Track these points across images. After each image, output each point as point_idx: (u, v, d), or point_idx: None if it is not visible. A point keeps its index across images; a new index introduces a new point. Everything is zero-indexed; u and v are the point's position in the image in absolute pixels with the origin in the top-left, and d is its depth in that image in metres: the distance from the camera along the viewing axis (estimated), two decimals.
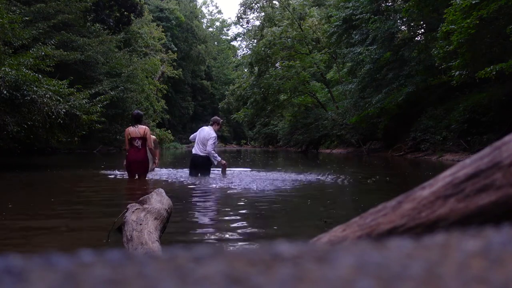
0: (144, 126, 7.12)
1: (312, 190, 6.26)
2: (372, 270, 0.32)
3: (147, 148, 7.05)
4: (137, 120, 7.16)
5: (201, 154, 7.64)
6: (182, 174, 8.22)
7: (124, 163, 7.16)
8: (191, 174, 7.73)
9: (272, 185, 6.52)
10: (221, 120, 8.11)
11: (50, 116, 9.80)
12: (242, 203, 4.82)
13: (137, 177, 7.10)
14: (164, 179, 7.39)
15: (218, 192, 5.62)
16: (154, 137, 8.11)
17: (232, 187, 6.24)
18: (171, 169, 9.42)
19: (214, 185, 6.41)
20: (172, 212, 2.98)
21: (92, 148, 20.96)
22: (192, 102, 56.92)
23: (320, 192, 6.09)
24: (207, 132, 7.70)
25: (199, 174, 7.71)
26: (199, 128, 7.98)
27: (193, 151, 7.77)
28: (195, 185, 6.46)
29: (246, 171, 9.58)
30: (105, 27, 22.88)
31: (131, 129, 7.04)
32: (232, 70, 65.77)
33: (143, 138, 7.00)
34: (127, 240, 2.39)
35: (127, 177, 7.16)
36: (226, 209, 4.37)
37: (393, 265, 0.33)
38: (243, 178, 7.56)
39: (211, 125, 7.80)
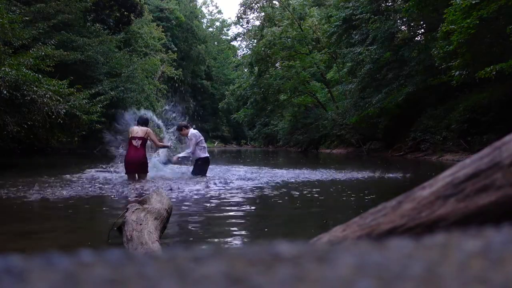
0: (146, 128, 7.19)
1: (312, 190, 6.26)
2: (372, 270, 0.32)
3: (156, 145, 7.21)
4: (144, 123, 7.28)
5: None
6: (182, 172, 8.24)
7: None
8: (202, 174, 7.76)
9: (273, 185, 6.52)
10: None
11: (50, 116, 9.80)
12: (242, 203, 4.82)
13: (137, 177, 7.10)
14: (164, 179, 7.38)
15: (218, 192, 5.62)
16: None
17: (232, 186, 6.24)
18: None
19: (214, 185, 6.42)
20: (172, 212, 2.98)
21: (92, 148, 20.96)
22: (192, 102, 56.89)
23: (320, 192, 6.09)
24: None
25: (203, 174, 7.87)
26: (196, 133, 7.90)
27: (207, 154, 7.94)
28: (195, 184, 6.47)
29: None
30: (105, 27, 22.85)
31: (134, 128, 7.12)
32: (232, 70, 65.70)
33: (144, 139, 7.05)
34: (127, 240, 2.39)
35: (127, 176, 7.15)
36: (226, 209, 4.37)
37: (393, 265, 0.33)
38: (243, 177, 7.57)
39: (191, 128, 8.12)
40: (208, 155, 7.93)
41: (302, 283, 0.30)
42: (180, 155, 7.94)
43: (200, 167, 7.76)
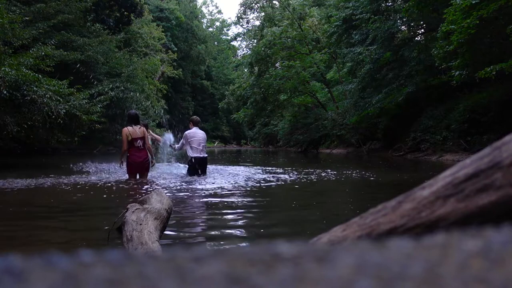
0: (141, 127, 7.17)
1: (312, 189, 6.26)
2: (372, 270, 0.32)
3: (154, 138, 7.22)
4: (135, 120, 7.17)
5: (205, 155, 7.97)
6: (182, 172, 8.26)
7: (123, 164, 7.19)
8: (192, 174, 7.75)
9: (272, 184, 6.52)
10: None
11: (50, 116, 9.80)
12: (242, 203, 4.82)
13: (138, 176, 7.11)
14: (164, 178, 7.39)
15: (218, 192, 5.62)
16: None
17: (232, 186, 6.24)
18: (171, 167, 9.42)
19: (213, 185, 6.42)
20: (172, 212, 2.98)
21: (92, 148, 20.96)
22: (192, 102, 56.93)
23: (320, 192, 6.09)
24: (203, 134, 8.04)
25: (200, 174, 7.79)
26: (192, 132, 7.90)
27: (199, 155, 7.85)
28: (195, 184, 6.47)
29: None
30: (105, 27, 22.86)
31: (130, 130, 7.03)
32: (232, 70, 65.74)
33: (144, 138, 7.07)
34: (127, 240, 2.39)
35: (128, 176, 7.17)
36: (226, 209, 4.37)
37: (393, 265, 0.33)
38: (244, 176, 7.57)
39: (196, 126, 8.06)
40: (198, 155, 7.80)
41: (302, 283, 0.30)
42: (176, 146, 8.33)
43: (189, 167, 7.91)
